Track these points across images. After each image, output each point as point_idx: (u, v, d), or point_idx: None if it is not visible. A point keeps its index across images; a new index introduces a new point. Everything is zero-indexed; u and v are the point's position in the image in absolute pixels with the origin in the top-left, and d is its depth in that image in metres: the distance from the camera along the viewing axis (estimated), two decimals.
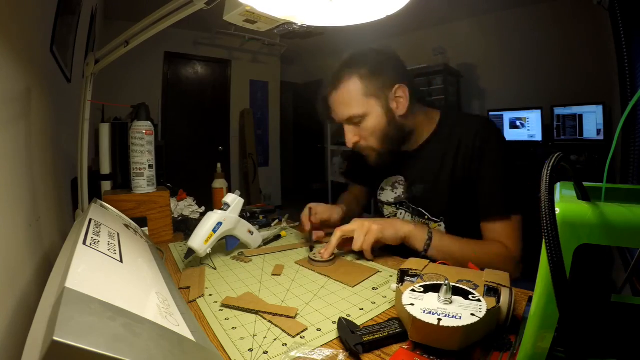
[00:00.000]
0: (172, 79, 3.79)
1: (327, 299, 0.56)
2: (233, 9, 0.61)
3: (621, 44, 1.63)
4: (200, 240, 0.70)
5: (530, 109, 2.85)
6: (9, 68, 0.56)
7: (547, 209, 0.26)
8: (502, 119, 3.00)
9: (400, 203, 0.94)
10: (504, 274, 0.51)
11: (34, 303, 0.51)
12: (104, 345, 0.22)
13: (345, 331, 0.42)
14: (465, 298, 0.43)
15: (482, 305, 0.41)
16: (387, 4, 0.52)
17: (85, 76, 0.79)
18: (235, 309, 0.52)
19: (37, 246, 0.63)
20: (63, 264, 0.34)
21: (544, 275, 0.29)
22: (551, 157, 0.29)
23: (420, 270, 0.53)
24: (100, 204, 0.70)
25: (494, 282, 0.48)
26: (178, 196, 1.07)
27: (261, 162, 4.46)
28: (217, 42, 3.95)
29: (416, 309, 0.41)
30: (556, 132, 2.69)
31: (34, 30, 0.79)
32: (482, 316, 0.39)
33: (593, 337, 0.33)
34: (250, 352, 0.42)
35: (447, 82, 3.13)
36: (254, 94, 4.43)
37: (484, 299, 0.44)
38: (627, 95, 1.62)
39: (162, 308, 0.34)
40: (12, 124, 0.56)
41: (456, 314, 0.39)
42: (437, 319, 0.38)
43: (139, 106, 0.91)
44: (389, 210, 0.98)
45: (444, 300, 0.42)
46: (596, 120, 2.50)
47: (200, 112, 3.99)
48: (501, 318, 0.44)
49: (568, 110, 2.63)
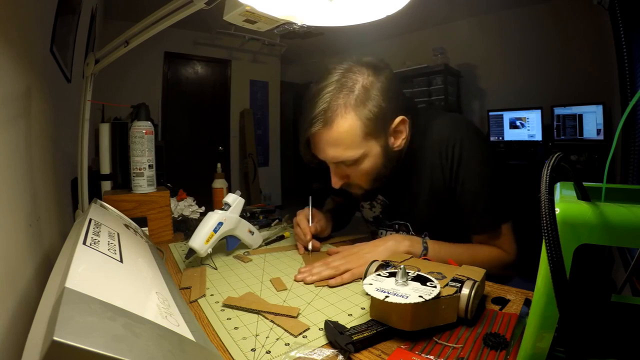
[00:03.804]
0: (172, 79, 3.79)
1: (329, 299, 0.56)
2: (233, 9, 0.61)
3: (621, 44, 1.63)
4: (201, 241, 0.70)
5: (530, 109, 2.86)
6: (9, 68, 0.56)
7: (547, 209, 0.26)
8: (502, 119, 3.00)
9: (380, 223, 0.89)
10: (479, 270, 0.53)
11: (34, 303, 0.51)
12: (104, 345, 0.22)
13: (334, 333, 0.42)
14: (422, 284, 0.46)
15: (434, 291, 0.44)
16: (387, 4, 0.52)
17: (85, 76, 0.79)
18: (237, 309, 0.52)
19: (37, 246, 0.63)
20: (63, 264, 0.34)
21: (544, 275, 0.29)
22: (551, 157, 0.29)
23: (399, 262, 0.56)
24: (100, 204, 0.70)
25: (462, 275, 0.50)
26: (178, 196, 1.07)
27: (261, 162, 4.47)
28: (217, 42, 3.95)
29: (372, 288, 0.45)
30: (556, 132, 2.70)
31: (34, 30, 0.79)
32: (429, 299, 0.42)
33: (593, 337, 0.33)
34: (253, 351, 0.42)
35: (447, 82, 3.14)
36: (254, 94, 4.43)
37: (443, 287, 0.46)
38: (627, 95, 1.62)
39: (162, 308, 0.34)
40: (12, 124, 0.56)
41: (405, 294, 0.43)
42: (384, 296, 0.42)
43: (139, 106, 0.91)
44: (371, 228, 0.94)
45: (401, 283, 0.45)
46: (596, 120, 2.50)
47: (200, 112, 3.99)
48: (460, 309, 0.46)
49: (568, 110, 2.63)
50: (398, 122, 0.70)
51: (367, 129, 0.67)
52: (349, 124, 0.66)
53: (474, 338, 0.44)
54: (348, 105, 0.66)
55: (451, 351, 0.41)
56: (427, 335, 0.44)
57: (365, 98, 0.66)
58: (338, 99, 0.66)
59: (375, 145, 0.69)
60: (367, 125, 0.66)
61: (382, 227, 0.89)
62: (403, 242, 0.69)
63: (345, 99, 0.66)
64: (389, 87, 0.69)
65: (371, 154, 0.70)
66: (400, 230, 0.85)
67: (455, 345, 0.42)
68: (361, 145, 0.68)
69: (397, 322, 0.43)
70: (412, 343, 0.43)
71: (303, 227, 0.81)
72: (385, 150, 0.71)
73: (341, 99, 0.66)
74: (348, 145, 0.67)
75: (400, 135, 0.72)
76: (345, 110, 0.66)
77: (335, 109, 0.66)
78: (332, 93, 0.66)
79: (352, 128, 0.66)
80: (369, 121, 0.66)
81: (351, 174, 0.73)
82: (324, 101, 0.66)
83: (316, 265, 0.66)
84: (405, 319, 0.42)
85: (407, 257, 0.60)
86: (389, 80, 0.70)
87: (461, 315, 0.46)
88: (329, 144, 0.68)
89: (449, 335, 0.44)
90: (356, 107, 0.66)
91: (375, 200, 0.87)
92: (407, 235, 0.77)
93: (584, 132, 2.56)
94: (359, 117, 0.66)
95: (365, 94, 0.66)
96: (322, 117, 0.66)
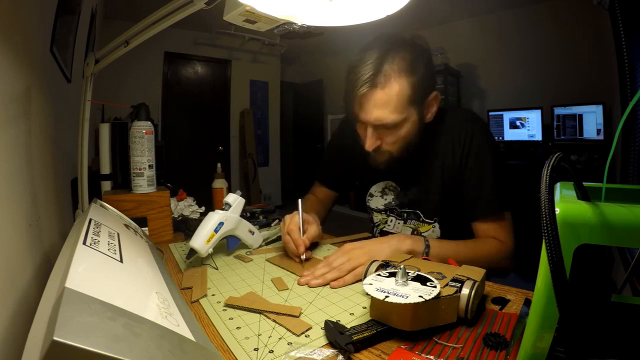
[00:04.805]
0: (172, 79, 3.79)
1: (330, 298, 0.56)
2: (233, 9, 0.61)
3: (621, 44, 1.63)
4: (202, 240, 0.70)
5: (530, 109, 2.86)
6: (9, 68, 0.56)
7: (547, 209, 0.26)
8: (502, 118, 3.00)
9: (391, 210, 0.92)
10: (479, 270, 0.53)
11: (34, 303, 0.51)
12: (104, 345, 0.22)
13: (334, 333, 0.42)
14: (422, 284, 0.45)
15: (434, 291, 0.43)
16: (387, 4, 0.52)
17: (85, 76, 0.79)
18: (238, 308, 0.52)
19: (37, 246, 0.63)
20: (63, 264, 0.34)
21: (544, 275, 0.29)
22: (551, 157, 0.29)
23: (399, 262, 0.57)
24: (100, 204, 0.70)
25: (462, 275, 0.50)
26: (178, 196, 1.07)
27: (261, 162, 4.47)
28: (217, 42, 3.95)
29: (372, 288, 0.44)
30: (556, 132, 2.70)
31: (34, 30, 0.79)
32: (429, 299, 0.42)
33: (593, 337, 0.33)
34: (256, 351, 0.42)
35: (447, 82, 3.14)
36: (254, 94, 4.43)
37: (443, 287, 0.46)
38: (627, 95, 1.62)
39: (162, 308, 0.34)
40: (12, 124, 0.56)
41: (405, 294, 0.42)
42: (384, 296, 0.42)
43: (139, 106, 0.91)
44: (378, 218, 0.95)
45: (401, 283, 0.45)
46: (596, 120, 2.50)
47: (200, 112, 3.99)
48: (460, 309, 0.46)
49: (568, 110, 2.63)
50: (433, 96, 0.77)
51: (413, 96, 0.72)
52: (400, 88, 0.71)
53: (474, 338, 0.44)
54: (401, 71, 0.71)
55: (451, 351, 0.41)
56: (427, 335, 0.44)
57: (416, 67, 0.72)
58: (392, 65, 0.71)
59: (414, 113, 0.75)
60: (414, 92, 0.72)
61: (393, 214, 0.91)
62: (405, 241, 0.70)
63: (399, 65, 0.71)
64: (430, 62, 0.77)
65: (409, 121, 0.75)
66: (409, 218, 0.88)
67: (455, 345, 0.42)
68: (405, 110, 0.73)
69: (397, 322, 0.43)
70: (412, 343, 0.43)
71: (295, 239, 0.74)
72: (420, 120, 0.77)
73: (395, 65, 0.71)
74: (394, 108, 0.72)
75: (431, 108, 0.79)
76: (399, 75, 0.71)
77: (388, 73, 0.71)
78: (384, 59, 0.71)
79: (402, 92, 0.71)
80: (416, 89, 0.72)
81: (386, 139, 0.77)
82: (375, 66, 0.71)
83: (318, 267, 0.65)
84: (405, 319, 0.42)
85: (407, 257, 0.60)
86: (429, 55, 0.78)
87: (461, 315, 0.46)
88: (377, 105, 0.72)
89: (449, 335, 0.44)
90: (408, 73, 0.71)
91: (388, 188, 0.91)
92: (409, 235, 0.78)
93: (584, 132, 2.56)
94: (409, 83, 0.71)
95: (415, 64, 0.73)
96: (373, 80, 0.71)
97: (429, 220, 0.86)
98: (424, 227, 0.87)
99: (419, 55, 0.74)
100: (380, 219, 0.95)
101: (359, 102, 0.74)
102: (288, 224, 0.78)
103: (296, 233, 0.75)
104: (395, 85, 0.71)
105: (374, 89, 0.71)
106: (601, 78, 2.39)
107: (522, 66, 3.01)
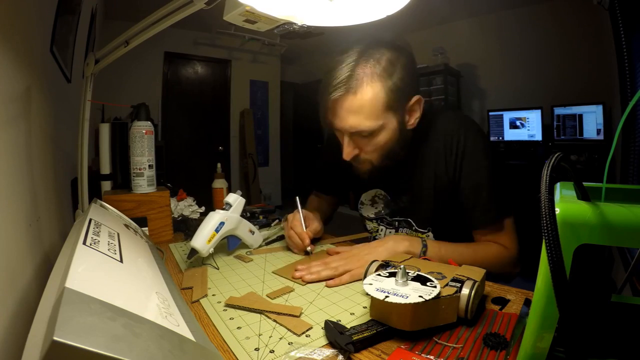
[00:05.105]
0: (172, 79, 3.79)
1: (331, 298, 0.56)
2: (233, 9, 0.61)
3: (621, 44, 1.63)
4: (203, 240, 0.70)
5: (530, 109, 2.85)
6: (9, 68, 0.56)
7: (547, 209, 0.26)
8: (502, 118, 3.00)
9: (381, 219, 0.88)
10: (479, 270, 0.53)
11: (34, 303, 0.51)
12: (104, 345, 0.22)
13: (334, 333, 0.42)
14: (422, 284, 0.45)
15: (434, 291, 0.43)
16: (387, 4, 0.52)
17: (85, 76, 0.79)
18: (239, 308, 0.52)
19: (37, 246, 0.63)
20: (63, 264, 0.34)
21: (544, 275, 0.29)
22: (551, 157, 0.29)
23: (399, 262, 0.56)
24: (100, 204, 0.70)
25: (462, 275, 0.50)
26: (178, 196, 1.07)
27: (261, 162, 4.47)
28: (217, 42, 3.95)
29: (372, 288, 0.44)
30: (556, 132, 2.70)
31: (34, 30, 0.79)
32: (429, 299, 0.42)
33: (593, 337, 0.33)
34: (257, 351, 0.42)
35: (447, 82, 3.14)
36: (254, 94, 4.43)
37: (443, 287, 0.46)
38: (627, 95, 1.62)
39: (162, 308, 0.34)
40: (12, 124, 0.56)
41: (405, 294, 0.42)
42: (384, 296, 0.42)
43: (139, 106, 0.91)
44: (370, 226, 0.93)
45: (400, 283, 0.45)
46: (596, 120, 2.50)
47: (200, 112, 3.99)
48: (460, 309, 0.46)
49: (568, 110, 2.63)
50: (415, 101, 0.72)
51: (389, 101, 0.68)
52: (374, 93, 0.67)
53: (474, 338, 0.44)
54: (374, 75, 0.67)
55: (451, 351, 0.41)
56: (427, 335, 0.44)
57: (391, 71, 0.68)
58: (365, 68, 0.67)
59: (393, 120, 0.70)
60: (389, 97, 0.68)
61: (383, 223, 0.88)
62: (402, 242, 0.69)
63: (372, 69, 0.67)
64: (410, 64, 0.72)
65: (388, 128, 0.71)
66: (401, 227, 0.85)
67: (455, 345, 0.42)
68: (381, 117, 0.69)
69: (397, 322, 0.43)
70: (412, 343, 0.43)
71: (299, 233, 0.78)
72: (401, 126, 0.72)
73: (368, 69, 0.67)
74: (369, 115, 0.68)
75: (414, 114, 0.74)
76: (372, 79, 0.67)
77: (360, 77, 0.67)
78: (357, 62, 0.67)
79: (376, 98, 0.67)
80: (392, 93, 0.68)
81: (364, 147, 0.73)
82: (348, 69, 0.67)
83: (314, 264, 0.66)
84: (405, 319, 0.42)
85: (407, 257, 0.60)
86: (410, 58, 0.72)
87: (461, 315, 0.46)
88: (350, 111, 0.68)
89: (449, 335, 0.44)
90: (382, 77, 0.67)
91: (377, 196, 0.87)
92: (406, 235, 0.77)
93: (584, 132, 2.56)
94: (383, 87, 0.67)
95: (391, 67, 0.68)
96: (346, 85, 0.67)
97: (422, 230, 0.82)
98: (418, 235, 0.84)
99: (397, 57, 0.69)
100: (372, 227, 0.93)
101: (332, 108, 0.70)
102: (291, 220, 0.81)
103: (300, 227, 0.78)
104: (368, 90, 0.66)
105: (347, 94, 0.67)
106: (601, 78, 2.39)
107: (522, 66, 3.01)
